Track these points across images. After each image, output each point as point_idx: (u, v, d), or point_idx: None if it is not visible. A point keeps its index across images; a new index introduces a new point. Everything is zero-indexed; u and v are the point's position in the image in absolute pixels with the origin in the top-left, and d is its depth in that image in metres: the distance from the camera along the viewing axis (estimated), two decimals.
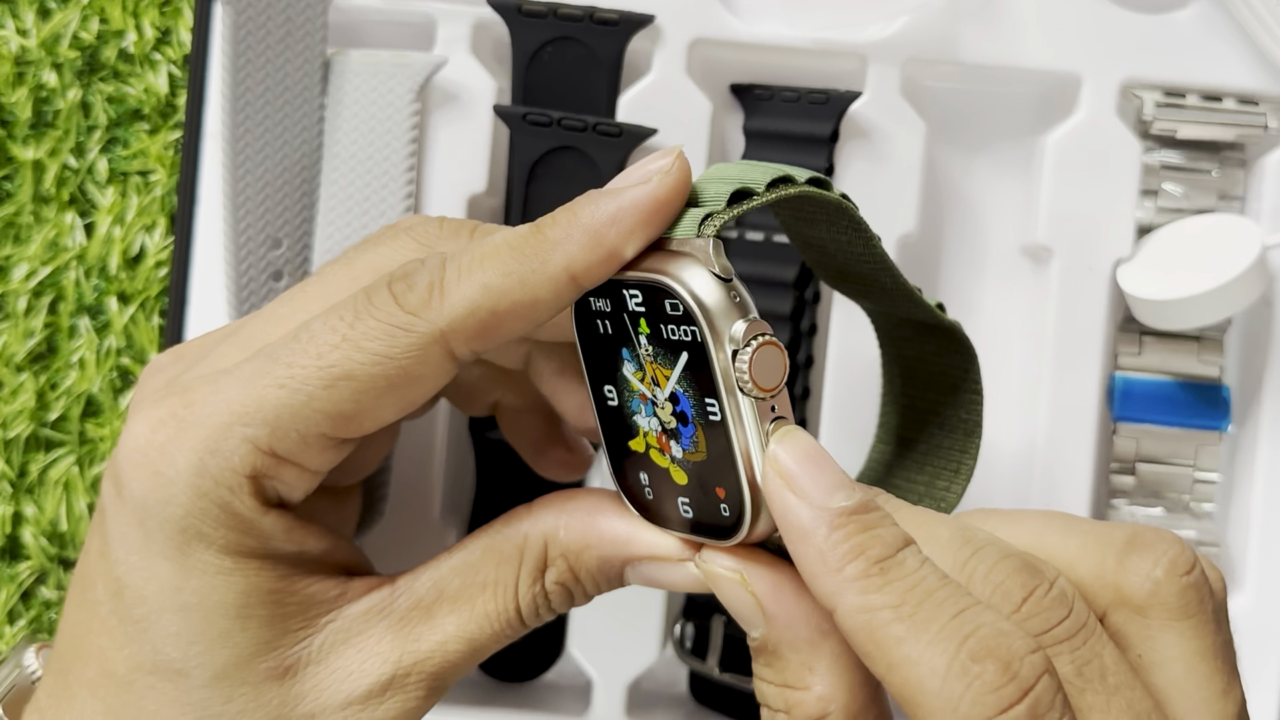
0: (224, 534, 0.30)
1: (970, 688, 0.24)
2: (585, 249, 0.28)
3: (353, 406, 0.29)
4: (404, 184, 0.42)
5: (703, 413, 0.28)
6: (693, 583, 0.30)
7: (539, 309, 0.29)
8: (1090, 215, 0.44)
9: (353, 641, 0.31)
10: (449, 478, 0.45)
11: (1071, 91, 0.44)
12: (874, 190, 0.44)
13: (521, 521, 0.31)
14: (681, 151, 0.29)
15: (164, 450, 0.30)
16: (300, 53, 0.42)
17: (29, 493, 0.48)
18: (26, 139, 0.48)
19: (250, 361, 0.30)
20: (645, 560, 0.31)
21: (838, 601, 0.26)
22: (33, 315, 0.47)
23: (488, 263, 0.29)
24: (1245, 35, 0.44)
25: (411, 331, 0.29)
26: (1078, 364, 0.44)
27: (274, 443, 0.29)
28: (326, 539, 0.32)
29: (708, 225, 0.28)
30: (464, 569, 0.31)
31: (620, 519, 0.31)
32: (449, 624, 0.31)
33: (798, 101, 0.43)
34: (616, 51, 0.43)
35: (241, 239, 0.42)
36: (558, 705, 0.45)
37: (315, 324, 0.30)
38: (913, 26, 0.44)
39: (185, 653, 0.30)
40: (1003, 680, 0.24)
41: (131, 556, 0.30)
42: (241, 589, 0.30)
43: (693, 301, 0.27)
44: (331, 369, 0.29)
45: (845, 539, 0.26)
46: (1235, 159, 0.44)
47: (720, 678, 0.44)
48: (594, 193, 0.29)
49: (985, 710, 0.24)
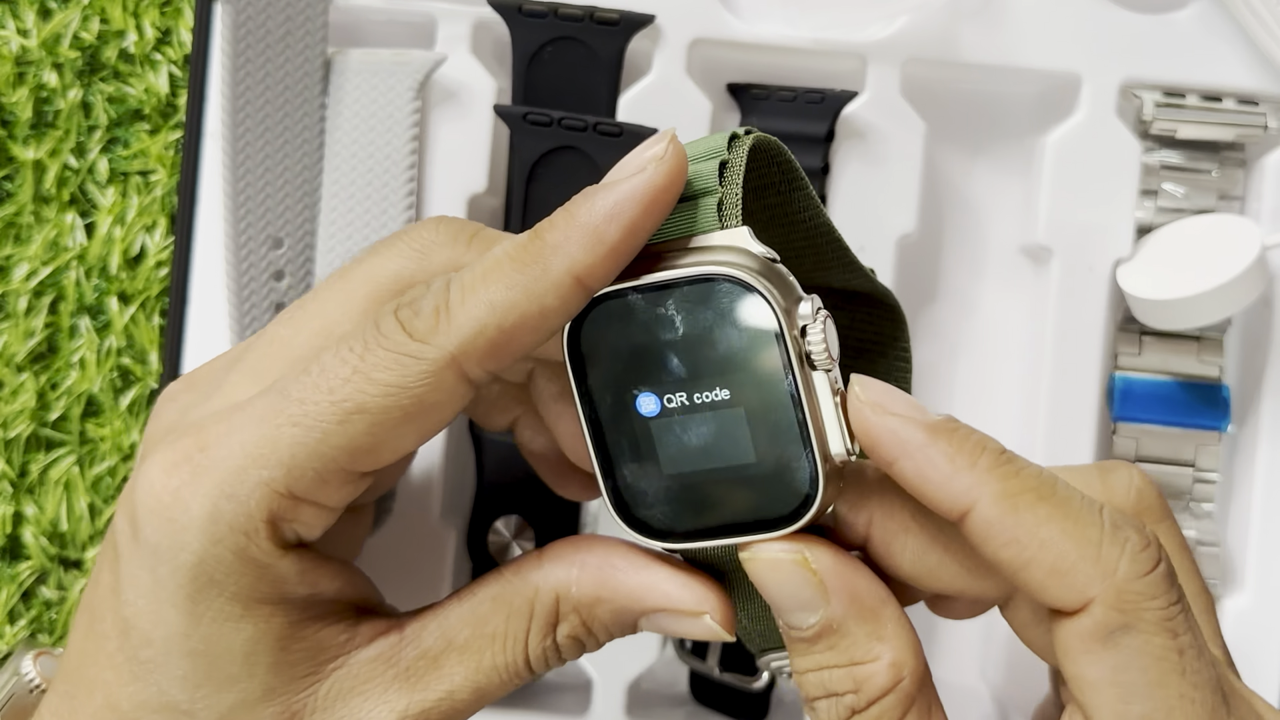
0: (236, 581, 0.29)
1: (1125, 551, 0.27)
2: (586, 249, 0.28)
3: (369, 440, 0.29)
4: (405, 182, 0.42)
5: (765, 400, 0.28)
6: (707, 634, 0.30)
7: (548, 318, 0.28)
8: (1090, 215, 0.44)
9: (359, 690, 0.30)
10: (449, 478, 0.45)
11: (1071, 91, 0.44)
12: (874, 190, 0.44)
13: (532, 573, 0.31)
14: (675, 135, 0.28)
15: (178, 495, 0.29)
16: (300, 52, 0.42)
17: (29, 492, 0.48)
18: (27, 139, 0.48)
19: (263, 397, 0.29)
20: (663, 613, 0.30)
21: (980, 492, 0.27)
22: (33, 315, 0.47)
23: (490, 278, 0.28)
24: (1245, 35, 0.44)
25: (422, 359, 0.28)
26: (1077, 364, 0.44)
27: (291, 484, 0.29)
28: (339, 577, 0.31)
29: (728, 214, 0.28)
30: (473, 620, 0.31)
31: (635, 571, 0.30)
32: (456, 675, 0.30)
33: (794, 101, 0.43)
34: (617, 51, 0.43)
35: (242, 239, 0.42)
36: (558, 705, 0.45)
37: (326, 357, 0.29)
38: (913, 26, 0.44)
39: (191, 695, 0.29)
40: (1144, 544, 0.27)
41: (140, 600, 0.29)
42: (249, 636, 0.29)
43: (761, 288, 0.27)
44: (344, 404, 0.28)
45: (966, 439, 0.27)
46: (1235, 159, 0.44)
47: (720, 678, 0.44)
48: (589, 190, 0.28)
49: (1140, 568, 0.27)
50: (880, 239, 0.44)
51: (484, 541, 0.44)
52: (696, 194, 0.28)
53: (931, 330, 0.47)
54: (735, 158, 0.28)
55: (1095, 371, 0.44)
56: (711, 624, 0.30)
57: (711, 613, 0.30)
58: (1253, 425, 0.45)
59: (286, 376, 0.29)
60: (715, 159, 0.28)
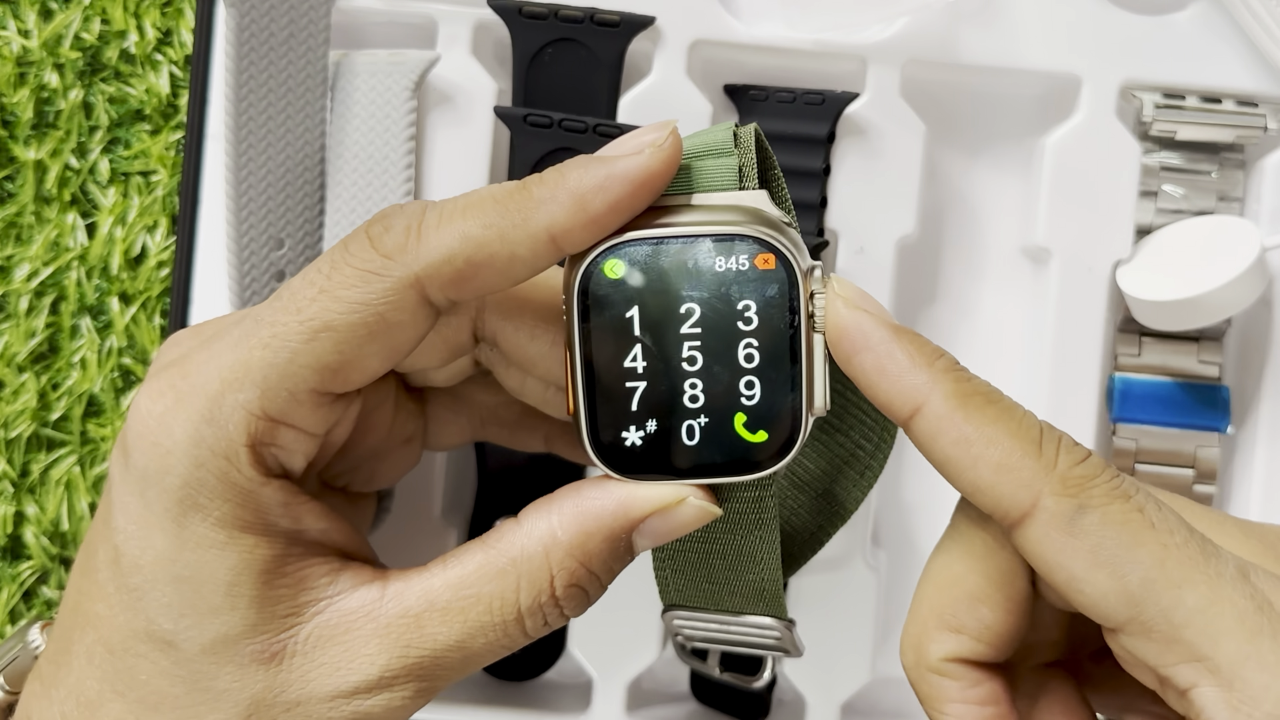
0: (220, 505, 0.30)
1: (1060, 447, 0.28)
2: (569, 212, 0.28)
3: (336, 358, 0.29)
4: (403, 181, 0.42)
5: (768, 354, 0.29)
6: (700, 515, 0.31)
7: (516, 265, 0.29)
8: (1089, 216, 0.44)
9: (339, 640, 0.30)
10: (450, 477, 0.45)
11: (1071, 93, 0.44)
12: (874, 191, 0.44)
13: (514, 535, 0.31)
14: (676, 128, 0.29)
15: (162, 421, 0.30)
16: (303, 55, 0.42)
17: (31, 492, 0.48)
18: (28, 139, 0.48)
19: (238, 325, 0.30)
20: (650, 516, 0.31)
21: (934, 390, 0.28)
22: (35, 315, 0.48)
23: (470, 212, 0.29)
24: (1245, 37, 0.44)
25: (385, 276, 0.29)
26: (1077, 364, 0.44)
27: (265, 405, 0.30)
28: (325, 518, 0.32)
29: (747, 176, 0.29)
30: (456, 583, 0.31)
31: (610, 493, 0.31)
32: (440, 635, 0.31)
33: (794, 102, 0.43)
34: (617, 53, 0.43)
35: (244, 239, 0.42)
36: (558, 704, 0.45)
37: (295, 280, 0.30)
38: (913, 28, 0.44)
39: (176, 624, 0.30)
40: (1073, 441, 0.29)
41: (130, 525, 0.30)
42: (233, 564, 0.30)
43: (785, 250, 0.29)
44: (311, 322, 0.29)
45: (925, 343, 0.29)
46: (1234, 160, 0.44)
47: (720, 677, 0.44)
48: (585, 158, 0.29)
49: (1076, 457, 0.28)
50: (880, 240, 0.44)
51: None
52: (712, 153, 0.30)
53: (931, 330, 0.47)
54: (744, 133, 0.30)
55: (1095, 372, 0.44)
56: (697, 503, 0.30)
57: (691, 495, 0.30)
58: (1252, 425, 0.45)
59: (260, 305, 0.30)
60: (727, 129, 0.30)
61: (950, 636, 0.30)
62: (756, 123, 0.43)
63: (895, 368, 0.29)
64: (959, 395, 0.28)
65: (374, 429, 0.36)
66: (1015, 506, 0.28)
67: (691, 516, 0.31)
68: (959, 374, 0.29)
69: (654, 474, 0.30)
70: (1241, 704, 0.26)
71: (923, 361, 0.29)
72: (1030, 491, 0.28)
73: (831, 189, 0.44)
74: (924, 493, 0.47)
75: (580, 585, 0.31)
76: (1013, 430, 0.28)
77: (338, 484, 0.37)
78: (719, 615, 0.35)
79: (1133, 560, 0.27)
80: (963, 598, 0.30)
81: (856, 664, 0.44)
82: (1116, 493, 0.28)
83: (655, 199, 0.29)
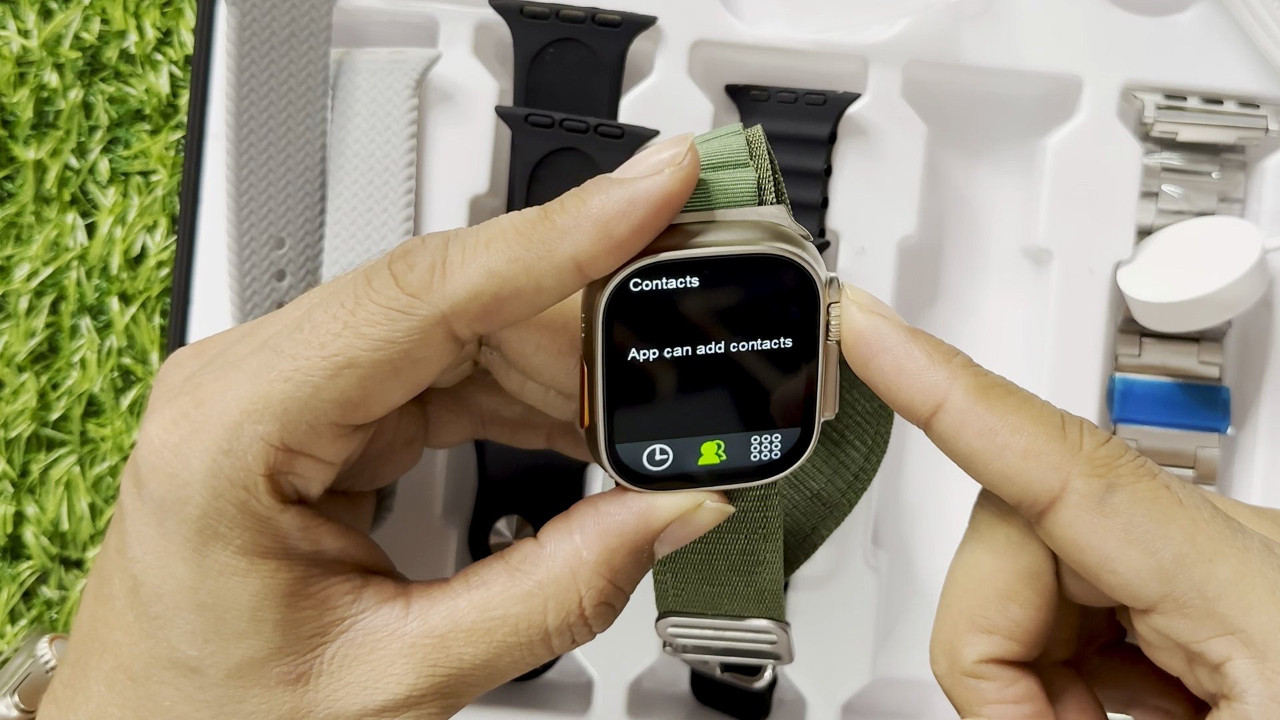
0: (240, 534, 0.30)
1: (1083, 429, 0.29)
2: (594, 240, 0.28)
3: (359, 394, 0.29)
4: (404, 180, 0.42)
5: (786, 369, 0.30)
6: (717, 517, 0.31)
7: (542, 296, 0.29)
8: (1090, 217, 0.44)
9: (365, 659, 0.30)
10: (450, 477, 0.45)
11: (1072, 94, 0.44)
12: (875, 192, 0.44)
13: (538, 557, 0.31)
14: (693, 143, 0.29)
15: (178, 451, 0.29)
16: (304, 54, 0.42)
17: (30, 492, 0.48)
18: (28, 139, 0.48)
19: (256, 355, 0.30)
20: (672, 524, 0.31)
21: (954, 385, 0.29)
22: (34, 315, 0.47)
23: (493, 246, 0.29)
24: (1246, 38, 0.44)
25: (412, 315, 0.29)
26: (1078, 365, 0.44)
27: (285, 437, 0.29)
28: (343, 537, 0.31)
29: (765, 190, 0.30)
30: (481, 604, 0.31)
31: (628, 507, 0.31)
32: (465, 655, 0.31)
33: (795, 103, 0.43)
34: (618, 53, 0.43)
35: (245, 239, 0.42)
36: (558, 704, 0.45)
37: (317, 312, 0.30)
38: (914, 28, 0.44)
39: (201, 650, 0.30)
40: (1094, 424, 0.29)
41: (148, 555, 0.30)
42: (256, 590, 0.30)
43: (804, 264, 0.29)
44: (335, 358, 0.29)
45: (940, 343, 0.30)
46: (1236, 161, 0.44)
47: (721, 677, 0.44)
48: (604, 180, 0.29)
49: (1100, 438, 0.28)
50: (881, 240, 0.44)
51: (485, 541, 0.44)
52: (727, 164, 0.30)
53: (932, 331, 0.46)
54: (756, 140, 0.30)
55: (1095, 373, 0.44)
56: (714, 505, 0.31)
57: (708, 499, 0.31)
58: (1252, 427, 0.45)
59: (279, 333, 0.30)
60: (738, 134, 0.30)
61: (983, 638, 0.30)
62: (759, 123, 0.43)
63: (914, 366, 0.29)
64: (979, 388, 0.29)
65: (378, 435, 0.36)
66: (1045, 491, 0.28)
67: (710, 519, 0.31)
68: (976, 369, 0.29)
69: (671, 484, 0.31)
70: (1276, 674, 0.26)
71: (940, 359, 0.29)
72: (1059, 474, 0.28)
73: (833, 189, 0.44)
74: (924, 493, 0.47)
75: (608, 602, 0.31)
76: (1035, 417, 0.29)
77: (339, 487, 0.37)
78: (715, 620, 0.35)
79: (1165, 536, 0.27)
80: (992, 597, 0.30)
81: (857, 664, 0.44)
82: (1143, 470, 0.28)
83: (673, 219, 0.29)
